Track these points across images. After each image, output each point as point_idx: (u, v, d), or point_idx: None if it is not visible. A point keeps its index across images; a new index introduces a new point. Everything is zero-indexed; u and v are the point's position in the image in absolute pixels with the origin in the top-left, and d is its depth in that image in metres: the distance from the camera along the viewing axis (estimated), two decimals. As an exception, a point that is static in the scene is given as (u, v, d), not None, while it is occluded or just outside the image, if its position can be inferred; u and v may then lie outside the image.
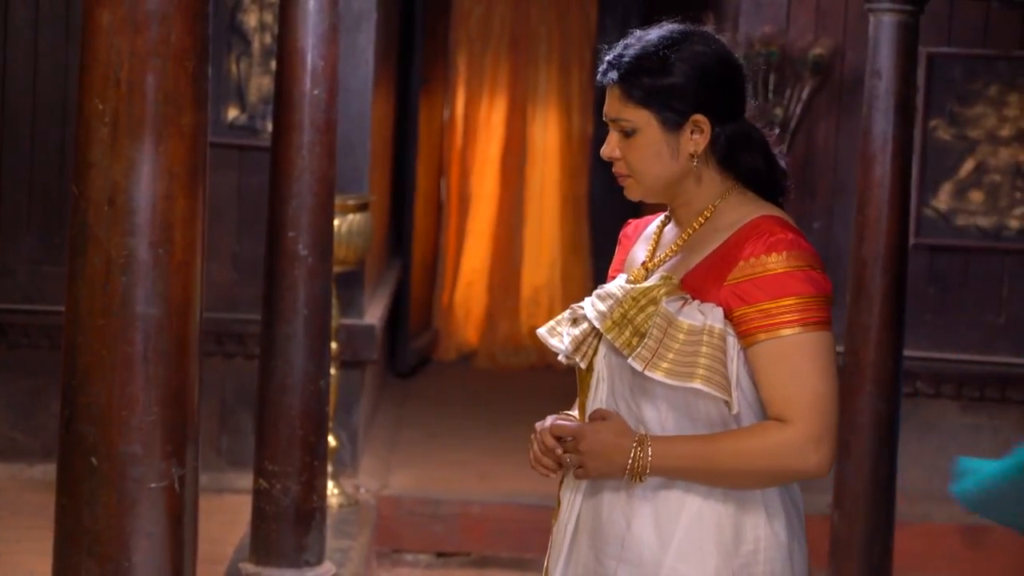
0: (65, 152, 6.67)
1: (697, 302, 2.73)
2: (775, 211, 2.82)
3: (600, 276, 11.10)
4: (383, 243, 8.36)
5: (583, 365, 2.84)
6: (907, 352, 5.31)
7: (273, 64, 5.97)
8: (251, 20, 6.66)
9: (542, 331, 2.91)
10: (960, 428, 6.91)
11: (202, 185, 2.06)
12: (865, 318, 5.07)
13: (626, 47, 2.82)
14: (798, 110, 6.68)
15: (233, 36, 6.67)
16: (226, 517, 6.05)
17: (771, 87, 6.65)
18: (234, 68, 6.68)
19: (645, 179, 2.82)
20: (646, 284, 2.78)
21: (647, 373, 2.69)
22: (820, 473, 2.71)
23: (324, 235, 4.81)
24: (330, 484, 6.18)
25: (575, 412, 2.95)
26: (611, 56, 2.84)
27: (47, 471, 6.54)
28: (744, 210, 2.81)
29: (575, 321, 2.86)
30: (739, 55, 6.71)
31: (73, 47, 6.51)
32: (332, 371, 5.94)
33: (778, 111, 6.62)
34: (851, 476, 5.13)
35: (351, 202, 6.26)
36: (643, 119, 2.78)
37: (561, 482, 2.91)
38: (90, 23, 1.99)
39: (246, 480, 5.68)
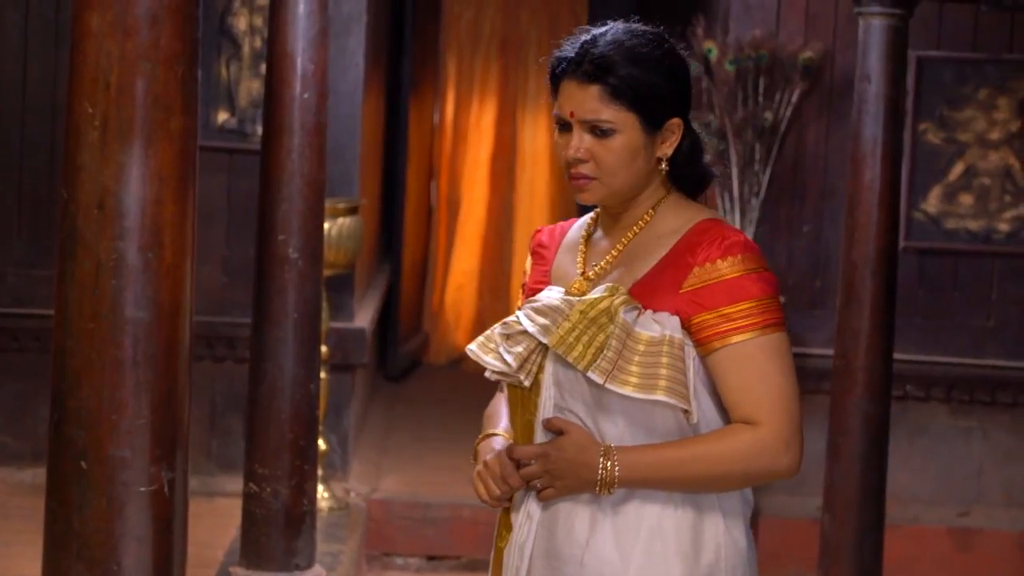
0: (55, 155, 6.65)
1: (650, 312, 2.65)
2: (712, 213, 2.77)
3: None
4: (373, 246, 8.36)
5: (528, 383, 2.72)
6: (897, 355, 5.33)
7: (263, 68, 5.95)
8: (241, 24, 6.66)
9: (473, 348, 2.77)
10: (950, 431, 6.91)
11: (192, 189, 2.05)
12: (855, 321, 5.07)
13: (592, 44, 2.70)
14: (788, 113, 6.68)
15: (223, 39, 6.67)
16: (216, 521, 6.04)
17: (761, 91, 6.65)
18: (224, 71, 6.67)
19: (614, 182, 2.70)
20: (593, 296, 2.68)
21: (610, 387, 2.60)
22: (791, 473, 2.67)
23: (314, 238, 4.81)
24: (320, 488, 6.17)
25: (500, 430, 2.84)
26: (578, 53, 2.70)
27: (37, 475, 6.53)
28: (685, 215, 2.74)
29: (509, 337, 2.73)
30: (729, 58, 6.76)
31: (63, 50, 6.49)
32: (322, 375, 5.94)
33: (768, 115, 6.62)
34: (841, 479, 5.13)
35: (341, 205, 6.25)
36: (627, 121, 2.68)
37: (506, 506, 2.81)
38: (79, 27, 1.98)
39: (236, 484, 5.67)
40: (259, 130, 5.74)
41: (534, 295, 2.81)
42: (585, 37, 2.73)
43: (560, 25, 10.11)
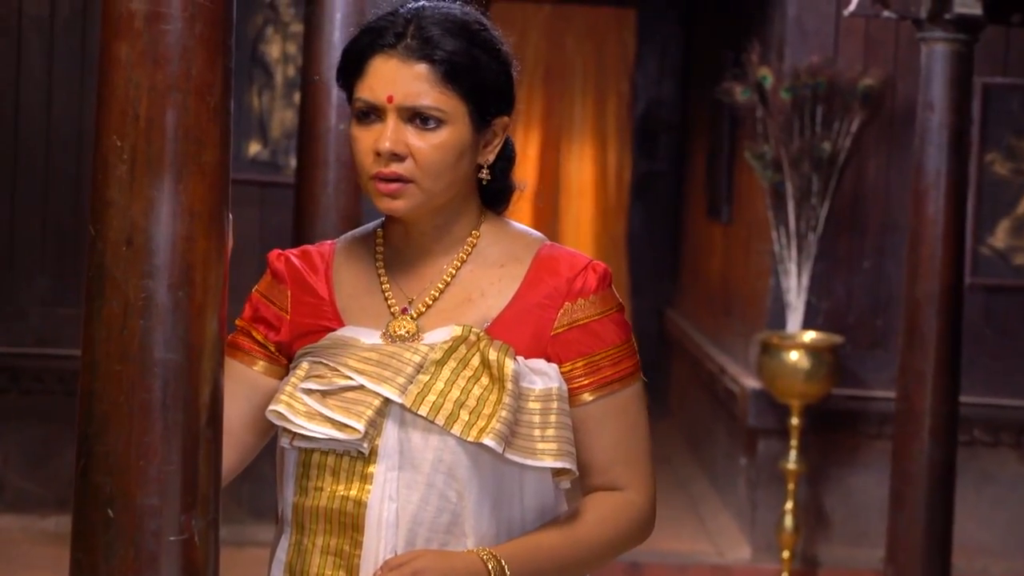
0: (80, 190, 6.66)
1: (521, 359, 2.25)
2: (542, 235, 2.41)
3: (642, 317, 10.82)
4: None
5: (367, 450, 2.24)
6: (963, 398, 5.23)
7: (297, 97, 5.93)
8: (274, 52, 6.69)
9: (281, 411, 2.28)
10: (1020, 478, 6.83)
11: (224, 225, 2.02)
12: (919, 362, 5.00)
13: (417, 15, 2.27)
14: (847, 143, 6.60)
15: (255, 68, 6.68)
16: (247, 571, 5.98)
17: (818, 120, 6.57)
18: (256, 101, 6.70)
19: (436, 187, 2.25)
20: (441, 339, 2.26)
21: (515, 457, 2.21)
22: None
23: (351, 275, 4.69)
24: (355, 535, 6.03)
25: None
26: (397, 23, 2.26)
27: (60, 523, 6.53)
28: (520, 239, 2.37)
29: (329, 395, 2.26)
30: (785, 86, 6.67)
31: (89, 81, 6.53)
32: (358, 418, 5.80)
33: (826, 145, 6.56)
34: (905, 529, 5.06)
35: (378, 241, 6.14)
36: (457, 111, 2.25)
37: None
38: (108, 57, 1.95)
39: (267, 532, 5.53)
40: (292, 162, 5.68)
41: (309, 335, 2.36)
42: (403, 8, 2.28)
43: (606, 52, 10.02)
